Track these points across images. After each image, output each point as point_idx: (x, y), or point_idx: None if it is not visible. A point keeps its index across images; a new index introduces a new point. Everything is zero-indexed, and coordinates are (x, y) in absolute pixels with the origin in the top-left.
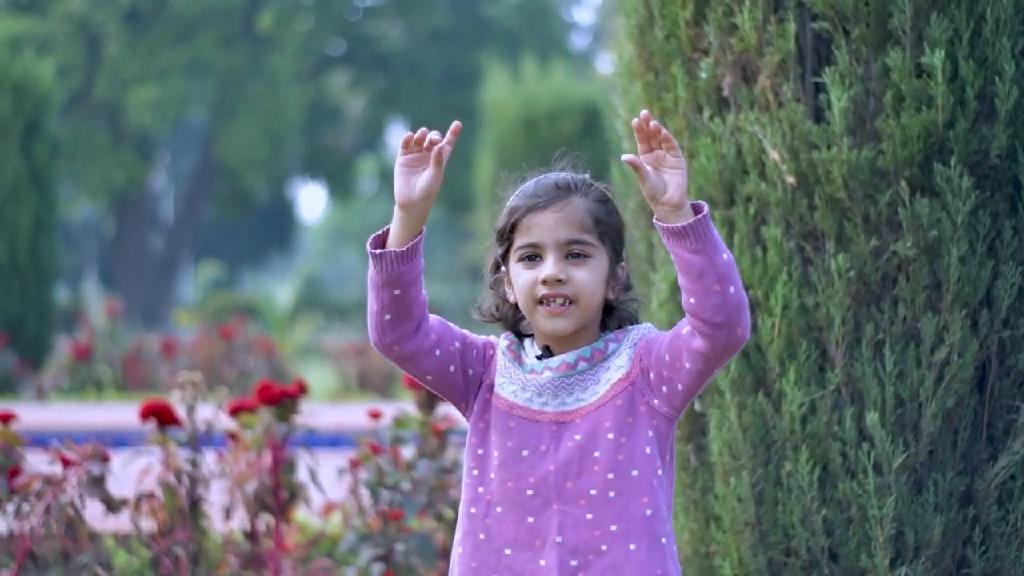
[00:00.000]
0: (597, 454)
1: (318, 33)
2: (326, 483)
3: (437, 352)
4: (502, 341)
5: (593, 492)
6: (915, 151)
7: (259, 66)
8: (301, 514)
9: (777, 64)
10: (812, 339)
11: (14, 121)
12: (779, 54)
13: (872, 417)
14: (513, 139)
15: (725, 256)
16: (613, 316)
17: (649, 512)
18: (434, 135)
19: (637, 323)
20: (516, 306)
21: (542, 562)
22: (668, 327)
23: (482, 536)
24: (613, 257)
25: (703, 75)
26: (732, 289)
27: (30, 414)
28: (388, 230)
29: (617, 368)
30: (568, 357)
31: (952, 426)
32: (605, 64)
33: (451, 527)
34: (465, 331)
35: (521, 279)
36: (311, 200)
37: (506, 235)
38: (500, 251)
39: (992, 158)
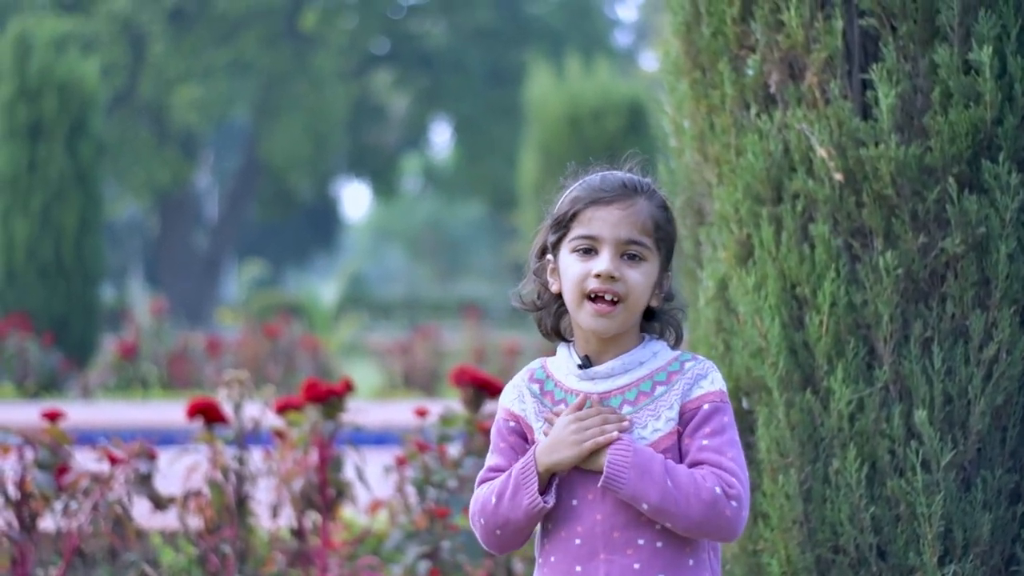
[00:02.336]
0: (645, 506)
1: (362, 32)
2: (372, 481)
3: None
4: (531, 386)
5: (641, 542)
6: (963, 148)
7: (303, 65)
8: (347, 512)
9: (824, 61)
10: (860, 336)
11: (59, 121)
12: (826, 51)
13: (920, 415)
14: (557, 137)
15: (644, 506)
16: (652, 321)
17: (692, 562)
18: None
19: (681, 334)
20: (557, 296)
21: None
22: (714, 324)
23: None
24: (663, 265)
25: (750, 72)
26: (669, 524)
27: (76, 412)
28: (535, 472)
29: (667, 420)
30: (612, 399)
31: (1001, 423)
32: (649, 61)
33: None
34: (494, 455)
35: (572, 270)
36: (355, 199)
37: (564, 223)
38: (553, 238)
39: None
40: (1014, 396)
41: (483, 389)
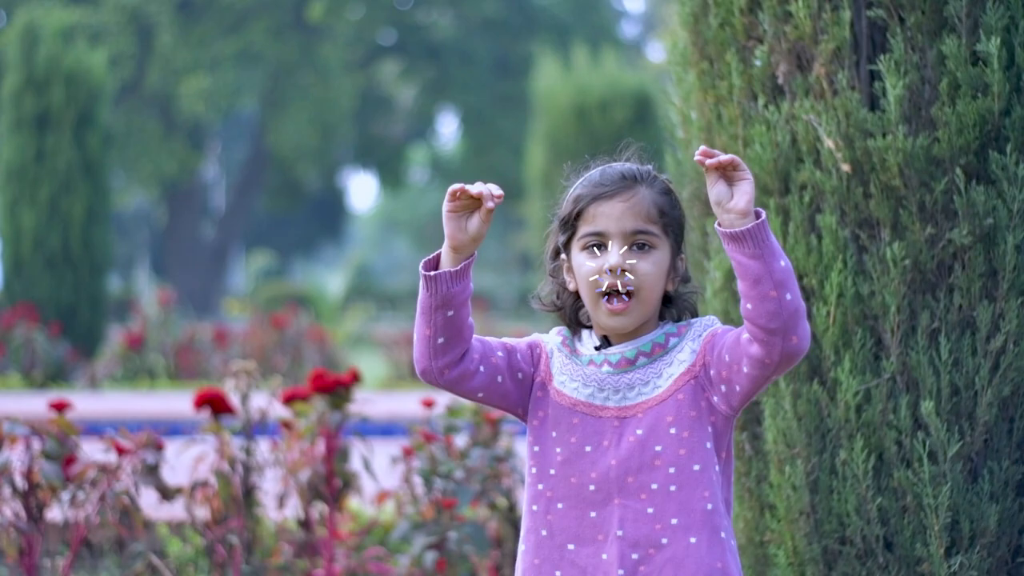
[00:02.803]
0: (658, 448)
1: (368, 22)
2: (379, 471)
3: (482, 368)
4: (554, 337)
5: (654, 486)
6: (971, 139)
7: (310, 56)
8: (354, 502)
9: (832, 52)
10: (867, 327)
11: (67, 111)
12: (834, 42)
13: (927, 406)
14: (565, 128)
15: (783, 263)
16: (671, 306)
17: (709, 506)
18: (479, 188)
19: (697, 315)
20: (575, 294)
21: (604, 556)
22: (722, 315)
23: (544, 532)
24: (674, 249)
25: (758, 63)
26: (788, 296)
27: (83, 403)
28: (439, 255)
29: (680, 363)
30: (627, 352)
31: (1008, 415)
32: (656, 52)
33: (504, 515)
34: (505, 339)
35: (584, 268)
36: (362, 189)
37: (570, 223)
38: (563, 239)
39: None
40: (1021, 387)
41: None
